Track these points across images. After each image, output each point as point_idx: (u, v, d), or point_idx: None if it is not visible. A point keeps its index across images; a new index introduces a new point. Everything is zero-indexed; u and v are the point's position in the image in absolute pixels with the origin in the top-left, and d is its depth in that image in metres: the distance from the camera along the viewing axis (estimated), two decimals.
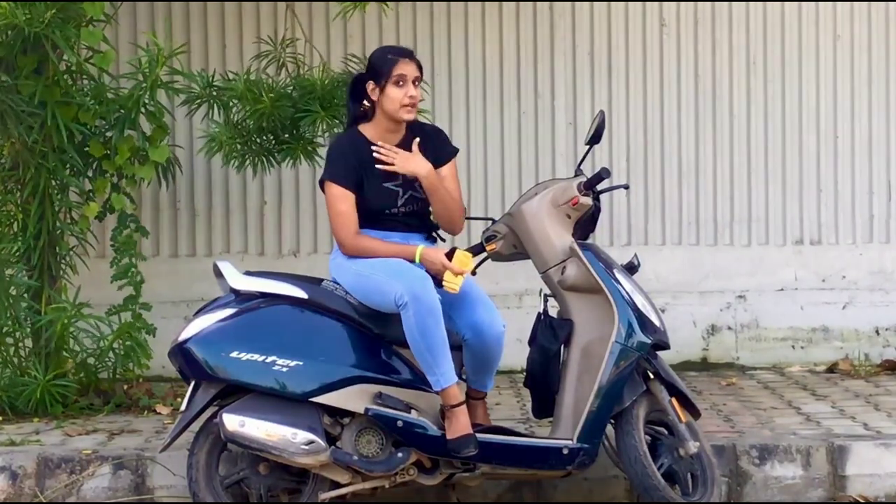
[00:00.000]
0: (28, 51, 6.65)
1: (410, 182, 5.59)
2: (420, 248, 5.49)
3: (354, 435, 5.50)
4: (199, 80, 6.93)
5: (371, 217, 5.57)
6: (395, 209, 5.58)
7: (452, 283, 5.43)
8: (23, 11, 6.36)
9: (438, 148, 5.70)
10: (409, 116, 5.54)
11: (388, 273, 5.43)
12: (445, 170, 5.68)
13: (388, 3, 7.23)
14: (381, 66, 5.54)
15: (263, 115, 6.74)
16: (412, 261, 5.49)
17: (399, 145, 5.61)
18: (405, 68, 5.52)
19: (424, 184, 5.56)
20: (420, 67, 5.59)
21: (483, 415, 5.75)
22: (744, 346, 8.10)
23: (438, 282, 5.45)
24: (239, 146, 6.89)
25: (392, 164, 5.53)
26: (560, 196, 5.73)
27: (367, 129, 5.61)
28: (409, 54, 5.59)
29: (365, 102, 5.61)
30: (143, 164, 7.01)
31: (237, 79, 6.85)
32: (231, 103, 6.88)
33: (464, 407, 5.44)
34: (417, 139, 5.60)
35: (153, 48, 6.71)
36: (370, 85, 5.56)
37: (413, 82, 5.53)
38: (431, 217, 5.71)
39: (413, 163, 5.55)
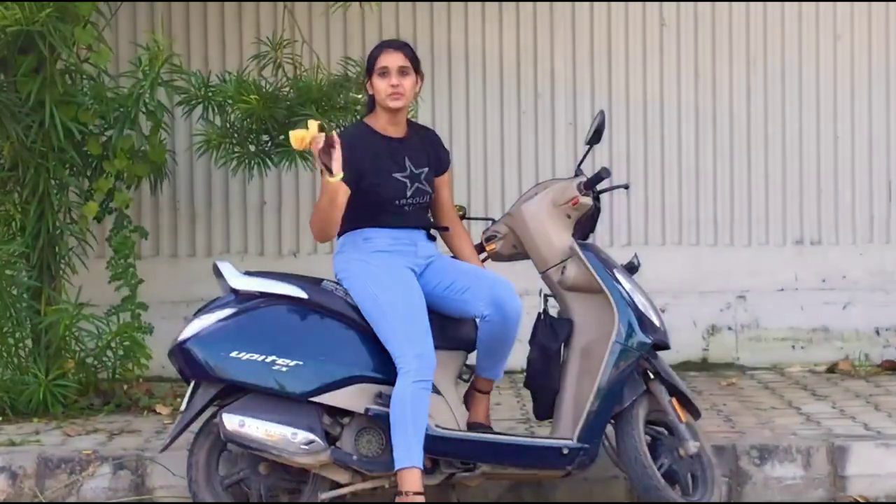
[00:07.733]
0: (26, 50, 6.64)
1: (417, 175, 5.62)
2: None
3: (354, 435, 5.50)
4: (193, 81, 6.93)
5: (381, 209, 5.56)
6: (405, 199, 5.59)
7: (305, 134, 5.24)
8: (13, 13, 6.34)
9: (442, 155, 5.79)
10: (395, 104, 5.57)
11: (405, 328, 5.44)
12: (446, 177, 5.79)
13: (375, 1, 7.21)
14: (369, 60, 5.65)
15: (254, 116, 6.74)
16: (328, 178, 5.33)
17: (402, 140, 5.65)
18: (386, 59, 5.58)
19: None
20: (409, 57, 5.61)
21: (484, 414, 5.75)
22: (744, 347, 8.10)
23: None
24: (232, 147, 6.89)
25: None
26: (560, 196, 5.73)
27: (372, 122, 5.67)
28: (393, 45, 5.66)
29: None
30: (139, 164, 7.01)
31: (229, 80, 6.85)
32: (226, 104, 6.88)
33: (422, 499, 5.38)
34: None
35: (154, 46, 6.70)
36: (367, 80, 5.66)
37: (400, 71, 5.57)
38: (429, 214, 5.76)
39: None
